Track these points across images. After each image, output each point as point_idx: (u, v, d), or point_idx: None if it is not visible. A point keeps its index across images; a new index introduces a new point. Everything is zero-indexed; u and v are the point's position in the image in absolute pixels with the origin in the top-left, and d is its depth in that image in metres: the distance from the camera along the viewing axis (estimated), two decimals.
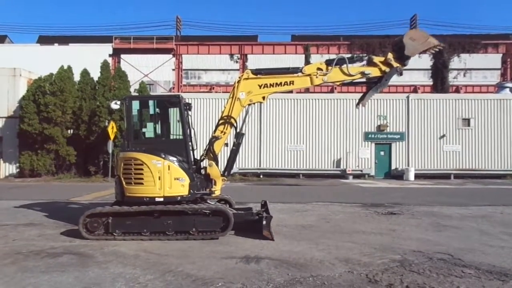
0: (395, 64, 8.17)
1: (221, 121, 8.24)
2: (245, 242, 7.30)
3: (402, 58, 8.20)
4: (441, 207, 12.05)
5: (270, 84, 8.17)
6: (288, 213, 10.82)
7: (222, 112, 8.28)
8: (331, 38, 39.82)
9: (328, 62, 8.30)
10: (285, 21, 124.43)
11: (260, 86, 8.16)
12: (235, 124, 8.22)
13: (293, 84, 8.27)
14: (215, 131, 8.28)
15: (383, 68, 8.22)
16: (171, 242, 7.27)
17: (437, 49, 8.60)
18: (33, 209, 11.34)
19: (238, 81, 8.19)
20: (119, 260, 6.16)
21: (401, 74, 8.45)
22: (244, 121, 8.26)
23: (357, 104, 9.10)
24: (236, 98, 8.10)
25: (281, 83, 8.19)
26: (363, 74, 8.25)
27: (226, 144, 8.42)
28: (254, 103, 8.32)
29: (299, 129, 25.72)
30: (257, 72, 8.27)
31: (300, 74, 8.23)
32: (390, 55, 8.20)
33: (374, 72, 8.30)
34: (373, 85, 8.65)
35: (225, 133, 8.21)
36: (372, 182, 22.57)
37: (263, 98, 8.24)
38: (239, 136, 8.30)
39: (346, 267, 5.83)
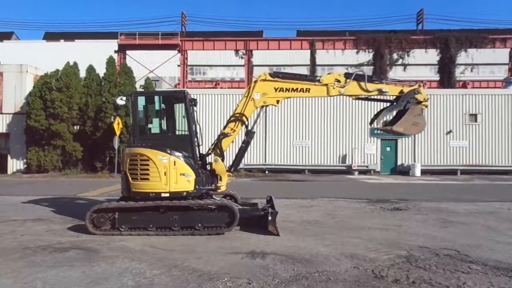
0: (423, 96, 8.24)
1: (232, 118, 8.27)
2: (250, 238, 7.32)
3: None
4: (448, 203, 11.99)
5: (286, 89, 8.19)
6: (293, 208, 10.82)
7: (235, 110, 8.31)
8: (337, 34, 39.55)
9: (347, 75, 8.32)
10: (291, 16, 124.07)
11: (276, 89, 8.19)
12: (246, 123, 8.25)
13: (309, 92, 8.28)
14: (225, 127, 8.30)
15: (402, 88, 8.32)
16: (177, 238, 7.30)
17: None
18: (41, 204, 11.44)
19: (255, 82, 8.23)
20: (125, 255, 6.20)
21: (420, 100, 8.36)
22: (255, 121, 8.33)
23: (371, 122, 9.14)
24: (251, 98, 8.14)
25: (297, 89, 8.20)
26: (380, 91, 8.26)
27: (232, 141, 8.44)
28: (267, 105, 8.35)
29: (305, 125, 25.66)
30: (275, 75, 8.29)
31: (317, 83, 8.25)
32: (422, 90, 8.32)
33: (392, 90, 8.35)
34: (388, 104, 8.72)
35: (234, 130, 8.23)
36: (378, 178, 22.50)
37: (277, 101, 8.28)
38: (249, 134, 8.36)
39: (351, 262, 5.82)
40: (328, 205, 11.62)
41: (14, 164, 24.71)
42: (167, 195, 7.55)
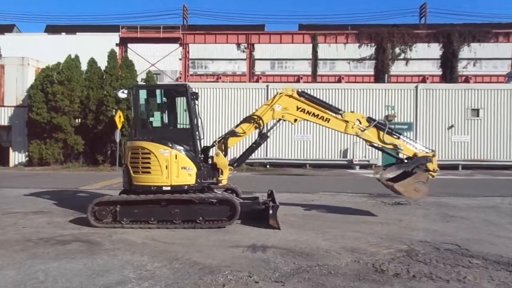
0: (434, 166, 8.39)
1: (247, 119, 8.32)
2: (251, 231, 7.34)
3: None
4: (449, 198, 11.98)
5: (307, 111, 8.28)
6: (294, 202, 10.82)
7: (254, 112, 8.41)
8: (339, 28, 39.36)
9: (369, 120, 8.46)
10: (293, 10, 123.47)
11: (297, 108, 8.29)
12: (260, 127, 8.34)
13: (328, 122, 8.36)
14: (237, 126, 8.34)
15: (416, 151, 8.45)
16: (178, 231, 7.32)
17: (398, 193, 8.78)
18: (42, 197, 11.48)
19: (280, 94, 8.31)
20: (127, 247, 6.23)
21: (430, 169, 8.46)
22: (272, 126, 8.54)
23: (375, 173, 9.22)
24: (271, 108, 8.25)
25: (317, 115, 8.29)
26: (395, 147, 8.43)
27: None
28: (284, 120, 8.44)
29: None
30: (301, 94, 8.37)
31: (339, 116, 8.34)
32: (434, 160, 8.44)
33: (406, 150, 8.49)
34: (398, 161, 8.85)
35: (245, 132, 8.33)
36: None
37: (295, 120, 8.37)
38: (263, 137, 8.47)
39: (352, 256, 5.84)
40: (329, 199, 11.63)
41: (16, 157, 24.74)
42: (169, 188, 7.57)
